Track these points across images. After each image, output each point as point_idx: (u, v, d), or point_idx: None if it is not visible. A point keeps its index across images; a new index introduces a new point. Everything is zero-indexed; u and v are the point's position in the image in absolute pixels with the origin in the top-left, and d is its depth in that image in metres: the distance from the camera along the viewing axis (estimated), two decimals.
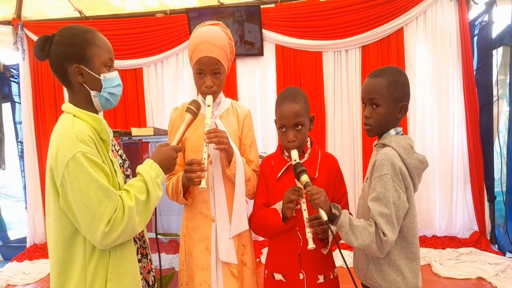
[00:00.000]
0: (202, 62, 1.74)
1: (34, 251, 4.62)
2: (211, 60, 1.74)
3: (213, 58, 1.74)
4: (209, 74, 1.76)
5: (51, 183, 1.29)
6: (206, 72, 1.76)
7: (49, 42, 1.37)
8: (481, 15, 4.10)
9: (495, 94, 4.09)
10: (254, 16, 4.34)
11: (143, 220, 1.35)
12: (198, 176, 1.63)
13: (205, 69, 1.76)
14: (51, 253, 1.34)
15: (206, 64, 1.75)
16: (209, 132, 1.66)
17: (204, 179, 1.62)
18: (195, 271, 1.78)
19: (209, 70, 1.76)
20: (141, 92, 4.73)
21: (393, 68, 1.63)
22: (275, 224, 1.67)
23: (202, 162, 1.64)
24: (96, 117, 1.38)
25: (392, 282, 1.54)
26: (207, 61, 1.74)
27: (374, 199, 1.51)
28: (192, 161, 1.67)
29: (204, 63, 1.74)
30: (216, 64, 1.75)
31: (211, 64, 1.75)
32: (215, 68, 1.76)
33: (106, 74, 1.41)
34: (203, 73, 1.77)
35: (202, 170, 1.63)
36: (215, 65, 1.75)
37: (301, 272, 1.68)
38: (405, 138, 1.57)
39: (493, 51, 4.06)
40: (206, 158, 1.65)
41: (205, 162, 1.64)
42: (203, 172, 1.62)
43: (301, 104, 1.69)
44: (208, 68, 1.75)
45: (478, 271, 3.47)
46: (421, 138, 4.31)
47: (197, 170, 1.63)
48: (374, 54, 4.32)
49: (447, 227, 4.31)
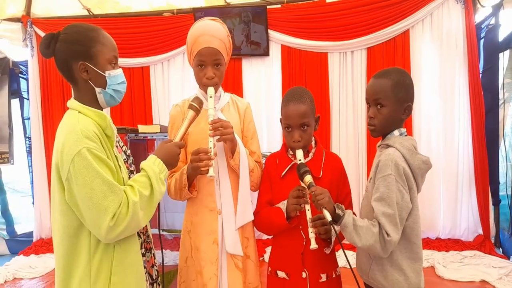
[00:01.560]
0: (203, 53, 1.73)
1: (40, 246, 4.65)
2: (212, 51, 1.73)
3: (214, 48, 1.73)
4: (210, 65, 1.75)
5: (57, 178, 1.30)
6: (207, 63, 1.75)
7: (54, 39, 1.38)
8: (488, 18, 4.08)
9: (501, 97, 4.07)
10: (260, 17, 4.35)
11: (147, 215, 1.36)
12: (206, 164, 1.62)
13: (206, 60, 1.74)
14: (57, 247, 1.35)
15: (207, 55, 1.73)
16: (213, 122, 1.66)
17: (212, 168, 1.61)
18: (204, 266, 1.77)
19: (210, 61, 1.74)
20: (148, 90, 4.75)
21: (398, 69, 1.64)
22: (279, 223, 1.68)
23: (209, 150, 1.63)
24: (101, 114, 1.39)
25: (395, 282, 1.55)
26: (208, 52, 1.73)
27: (377, 199, 1.51)
28: (199, 150, 1.65)
29: (204, 54, 1.73)
30: (217, 54, 1.74)
31: (212, 55, 1.74)
32: (216, 58, 1.75)
33: (111, 71, 1.42)
34: (204, 64, 1.76)
35: (209, 158, 1.62)
36: (216, 55, 1.74)
37: (304, 271, 1.69)
38: (408, 139, 1.58)
39: (500, 54, 4.04)
40: (213, 147, 1.64)
41: (212, 151, 1.63)
42: (210, 161, 1.61)
43: (307, 104, 1.69)
44: (209, 58, 1.74)
45: (482, 274, 3.46)
46: (427, 141, 4.30)
47: (204, 158, 1.62)
48: (379, 56, 4.31)
49: (451, 229, 4.29)
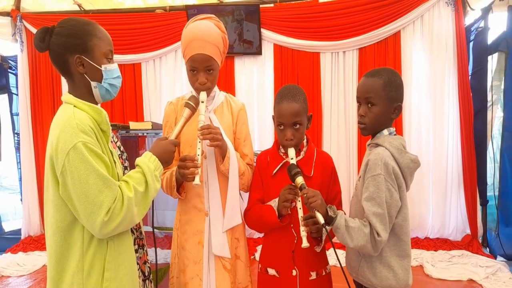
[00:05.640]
0: (195, 60, 1.74)
1: (28, 243, 4.59)
2: (204, 58, 1.73)
3: (206, 55, 1.73)
4: (202, 71, 1.76)
5: (51, 172, 1.29)
6: (199, 69, 1.76)
7: (49, 33, 1.37)
8: (477, 21, 4.14)
9: (489, 99, 4.12)
10: (253, 15, 4.36)
11: (141, 211, 1.36)
12: (191, 172, 1.62)
13: (198, 66, 1.75)
14: (49, 242, 1.34)
15: (199, 62, 1.74)
16: (202, 128, 1.66)
17: (198, 176, 1.61)
18: (187, 265, 1.79)
19: (202, 67, 1.75)
20: (139, 87, 4.73)
21: (389, 69, 1.66)
22: (270, 221, 1.68)
23: (195, 158, 1.63)
24: (97, 108, 1.39)
25: (383, 279, 1.57)
26: (200, 58, 1.73)
27: (367, 199, 1.53)
28: (185, 157, 1.66)
29: (197, 61, 1.74)
30: (209, 61, 1.75)
31: (204, 62, 1.74)
32: (208, 65, 1.75)
33: (107, 65, 1.42)
34: (196, 70, 1.76)
35: (195, 166, 1.62)
36: (208, 62, 1.75)
37: (294, 269, 1.69)
38: (397, 138, 1.60)
39: (489, 57, 4.09)
40: (200, 154, 1.65)
41: (198, 159, 1.63)
42: (196, 169, 1.62)
43: (300, 103, 1.68)
44: (201, 65, 1.75)
45: (469, 273, 3.51)
46: (416, 141, 4.34)
47: (190, 166, 1.62)
48: (371, 57, 4.34)
49: (439, 229, 4.34)
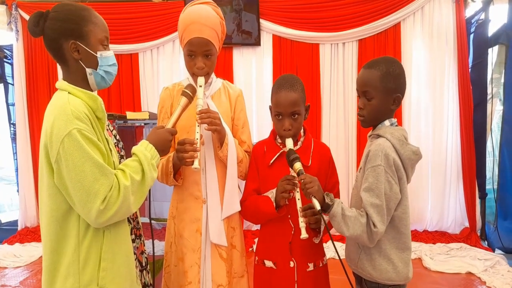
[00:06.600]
0: (193, 43, 1.70)
1: (25, 234, 4.58)
2: (202, 41, 1.70)
3: (204, 39, 1.70)
4: (200, 55, 1.73)
5: (45, 160, 1.26)
6: (197, 53, 1.72)
7: (44, 17, 1.34)
8: (478, 13, 4.12)
9: (489, 92, 4.12)
10: (252, 6, 4.32)
11: (138, 200, 1.33)
12: (190, 156, 1.60)
13: (196, 50, 1.72)
14: (44, 231, 1.32)
15: (197, 46, 1.71)
16: (201, 112, 1.64)
17: (197, 160, 1.59)
18: (186, 253, 1.77)
19: (200, 51, 1.72)
20: (136, 77, 4.70)
21: (388, 59, 1.62)
22: (267, 212, 1.66)
23: (194, 142, 1.61)
24: (92, 95, 1.36)
25: (383, 272, 1.55)
26: (198, 42, 1.70)
27: (366, 190, 1.51)
28: (184, 141, 1.63)
29: (195, 44, 1.71)
30: (207, 45, 1.71)
31: (202, 45, 1.71)
32: (206, 49, 1.72)
33: (102, 52, 1.38)
34: (194, 54, 1.73)
35: (194, 150, 1.60)
36: (206, 46, 1.72)
37: (292, 260, 1.68)
38: (399, 129, 1.58)
39: (489, 50, 4.08)
40: (199, 138, 1.62)
41: (197, 142, 1.61)
42: (195, 152, 1.60)
43: (298, 93, 1.66)
44: (199, 49, 1.71)
45: (468, 266, 3.53)
46: (416, 134, 4.34)
47: (189, 150, 1.60)
48: (370, 48, 4.33)
49: (438, 222, 4.36)
